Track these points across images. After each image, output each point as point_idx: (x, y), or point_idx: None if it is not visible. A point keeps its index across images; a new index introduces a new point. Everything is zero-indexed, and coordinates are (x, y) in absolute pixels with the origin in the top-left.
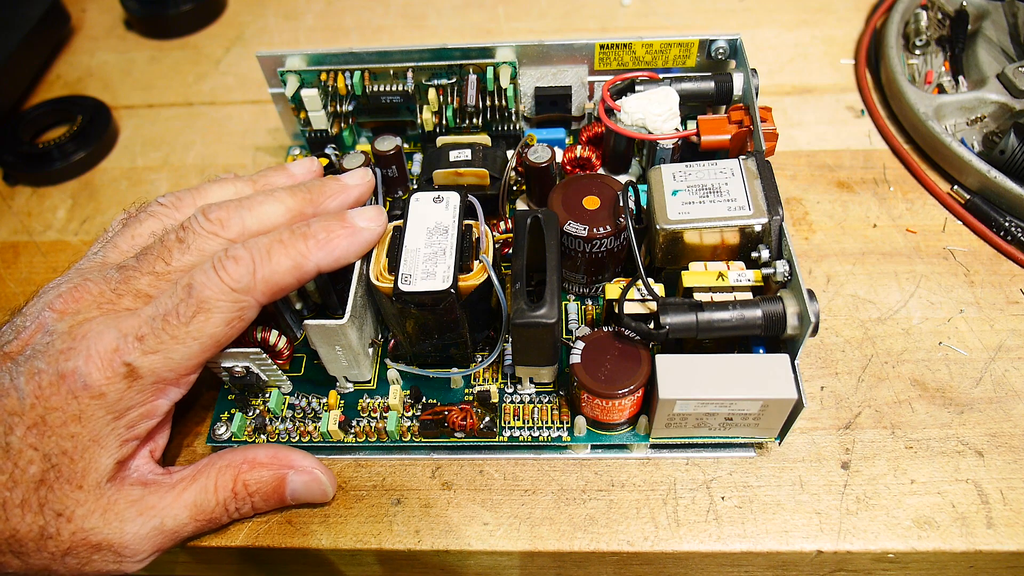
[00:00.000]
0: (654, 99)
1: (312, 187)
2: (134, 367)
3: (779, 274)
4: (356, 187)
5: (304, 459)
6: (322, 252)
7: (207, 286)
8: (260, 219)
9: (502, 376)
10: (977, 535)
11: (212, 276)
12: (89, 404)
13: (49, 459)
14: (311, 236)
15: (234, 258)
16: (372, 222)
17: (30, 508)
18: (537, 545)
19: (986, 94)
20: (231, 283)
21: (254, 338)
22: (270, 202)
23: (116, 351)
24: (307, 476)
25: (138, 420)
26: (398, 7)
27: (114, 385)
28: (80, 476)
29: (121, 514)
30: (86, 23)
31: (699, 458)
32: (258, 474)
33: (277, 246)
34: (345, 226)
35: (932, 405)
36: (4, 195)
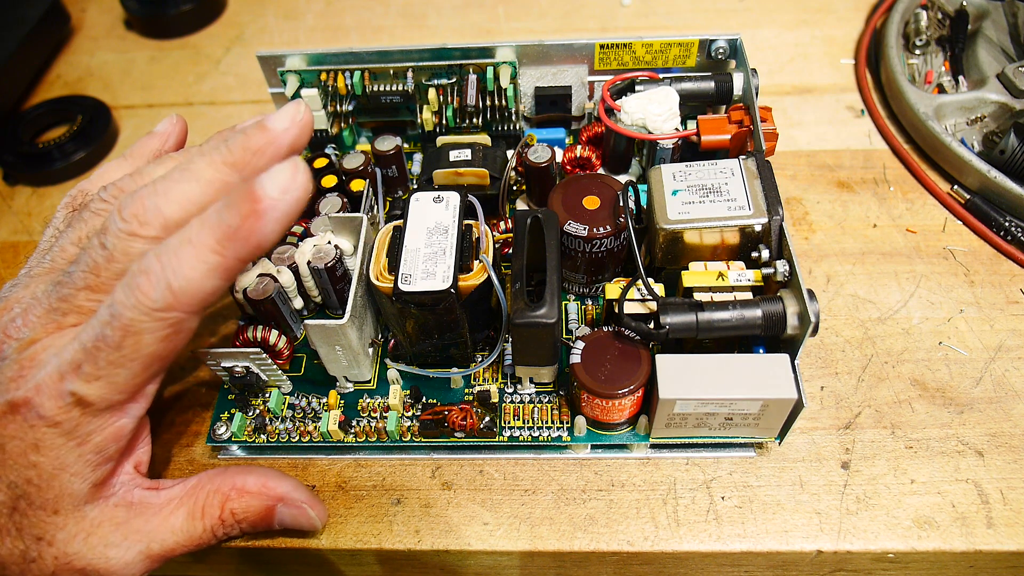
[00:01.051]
0: (654, 99)
1: (232, 145)
2: (80, 396)
3: (779, 274)
4: (286, 132)
5: (295, 491)
6: (236, 244)
7: (127, 307)
8: (179, 204)
9: (502, 376)
10: (977, 535)
11: (129, 296)
12: (46, 433)
13: (15, 487)
14: (219, 227)
15: (145, 272)
16: (289, 186)
17: (8, 533)
18: (537, 545)
19: (986, 94)
20: (149, 303)
21: (254, 338)
22: (185, 180)
23: (60, 380)
24: (296, 510)
25: (104, 444)
26: (398, 7)
27: (67, 414)
28: (54, 502)
29: (105, 538)
30: (86, 23)
31: (699, 458)
32: (246, 503)
33: (187, 249)
34: (256, 203)
35: (932, 405)
36: (4, 195)
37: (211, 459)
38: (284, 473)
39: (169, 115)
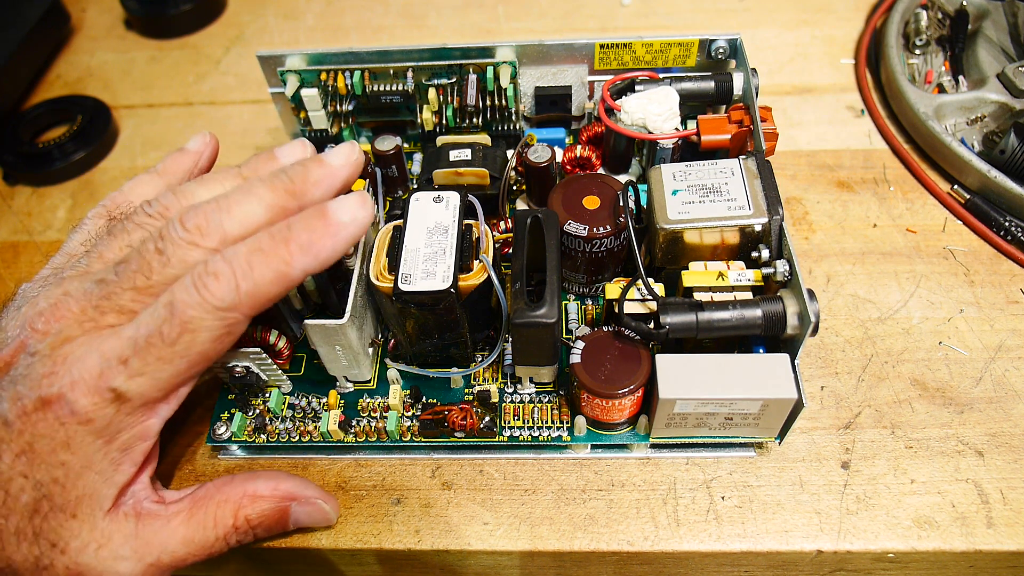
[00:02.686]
0: (654, 99)
1: (294, 175)
2: (120, 391)
3: (779, 274)
4: (341, 168)
5: (306, 488)
6: (306, 258)
7: (190, 306)
8: (240, 221)
9: (502, 376)
10: (977, 535)
11: (194, 295)
12: (77, 431)
13: (40, 487)
14: (292, 240)
15: (215, 274)
16: (357, 215)
17: (25, 537)
18: (537, 545)
19: (986, 94)
20: (215, 302)
21: (254, 338)
22: (248, 200)
23: (101, 376)
24: (310, 507)
25: (131, 443)
26: (398, 7)
27: (102, 411)
28: (74, 505)
29: (116, 551)
30: (86, 23)
31: (699, 458)
32: (259, 507)
33: (258, 256)
34: (328, 224)
35: (932, 405)
36: (4, 195)
37: (211, 459)
38: (291, 473)
39: (202, 132)
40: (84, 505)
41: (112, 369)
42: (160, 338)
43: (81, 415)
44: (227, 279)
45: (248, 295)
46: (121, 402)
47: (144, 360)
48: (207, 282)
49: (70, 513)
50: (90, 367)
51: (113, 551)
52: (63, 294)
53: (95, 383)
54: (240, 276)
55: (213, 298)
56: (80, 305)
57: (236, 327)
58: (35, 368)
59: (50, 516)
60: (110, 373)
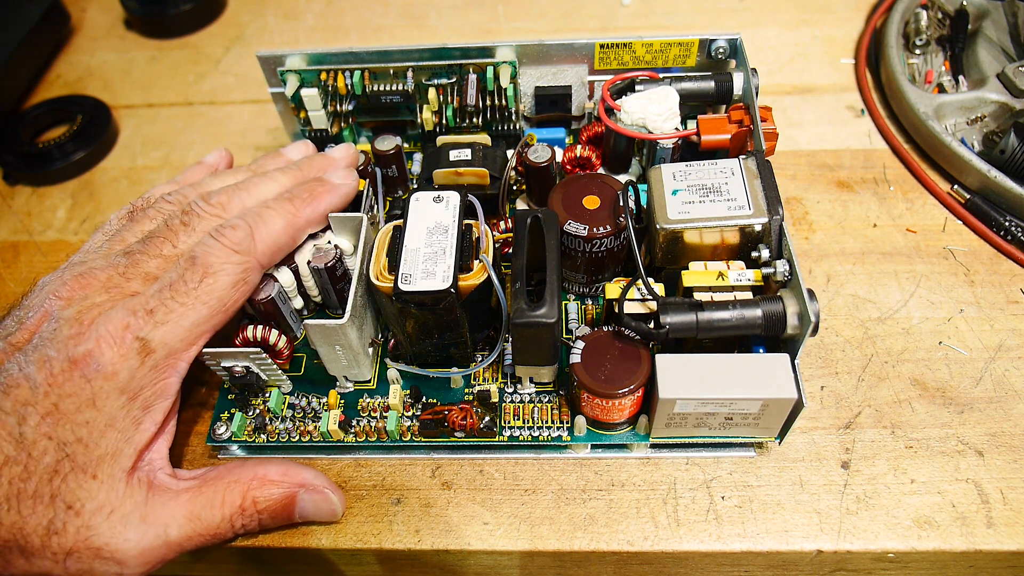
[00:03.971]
0: (654, 99)
1: (302, 165)
2: (146, 340)
3: (779, 274)
4: (342, 159)
5: (316, 477)
6: (309, 207)
7: (210, 252)
8: (258, 199)
9: (502, 376)
10: (977, 535)
11: (213, 243)
12: (103, 386)
13: (64, 447)
14: (296, 197)
15: (231, 225)
16: (346, 179)
17: (41, 500)
18: (537, 545)
19: (986, 94)
20: (232, 245)
21: (254, 338)
22: (265, 182)
23: (127, 328)
24: (318, 495)
25: (152, 399)
26: (398, 7)
27: (127, 362)
28: (95, 464)
29: (126, 518)
30: (86, 23)
31: (699, 458)
32: (268, 491)
33: (268, 210)
34: (324, 183)
35: (932, 405)
36: (4, 195)
37: (211, 459)
38: (302, 464)
39: (218, 148)
40: (105, 464)
41: (138, 319)
42: (183, 283)
43: (107, 369)
44: (243, 227)
45: (262, 240)
46: (146, 353)
47: (168, 307)
48: (224, 231)
49: (91, 473)
50: (116, 322)
51: (123, 516)
52: (87, 269)
53: (121, 335)
54: (254, 225)
55: (230, 242)
56: (107, 274)
57: (251, 273)
58: (62, 331)
59: (69, 477)
60: (136, 323)
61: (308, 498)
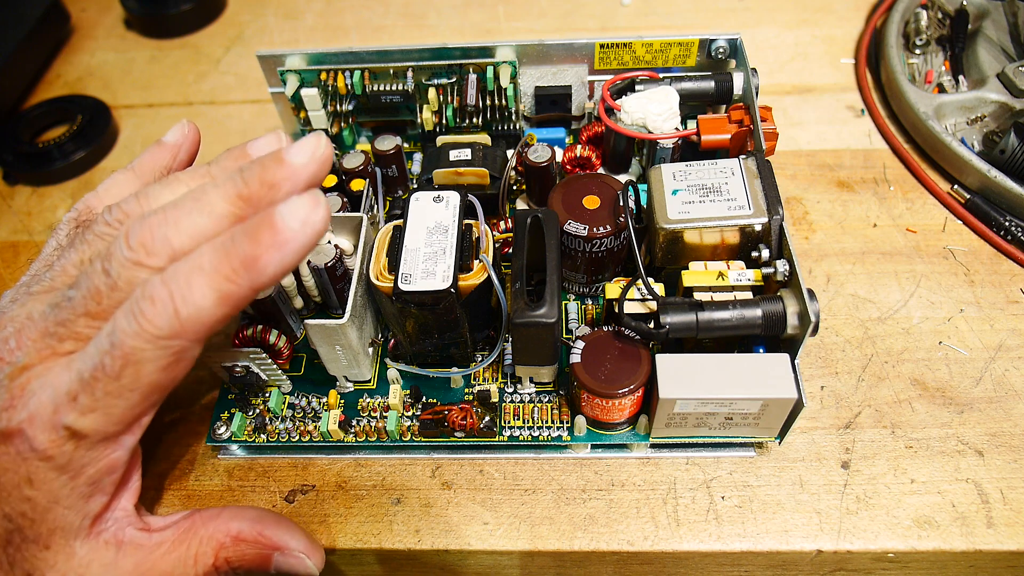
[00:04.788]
0: (654, 98)
1: (249, 178)
2: (74, 429)
3: (779, 274)
4: (304, 167)
5: (292, 539)
6: (251, 274)
7: (128, 336)
8: (190, 235)
9: (502, 376)
10: (977, 535)
11: (132, 323)
12: (39, 467)
13: (10, 519)
14: (236, 256)
15: (150, 299)
16: (309, 218)
17: (1, 567)
18: (537, 545)
19: (986, 93)
20: (153, 330)
21: (254, 338)
22: (197, 211)
23: (55, 413)
24: (294, 560)
25: (98, 476)
26: (398, 7)
27: (60, 448)
28: (46, 537)
29: None
30: (86, 23)
31: (699, 458)
32: (242, 550)
33: (197, 276)
34: (276, 234)
35: (932, 405)
36: (4, 194)
37: (211, 459)
38: (281, 516)
39: (180, 121)
40: (57, 536)
41: (64, 406)
42: (104, 372)
43: (41, 452)
44: (164, 304)
45: (190, 320)
46: (78, 439)
47: (92, 396)
48: (144, 309)
49: (43, 545)
50: (44, 402)
51: None
52: (26, 317)
53: (50, 419)
54: (179, 300)
55: (151, 326)
56: (38, 331)
57: (184, 354)
58: None
59: (23, 547)
60: (62, 410)
61: (283, 560)
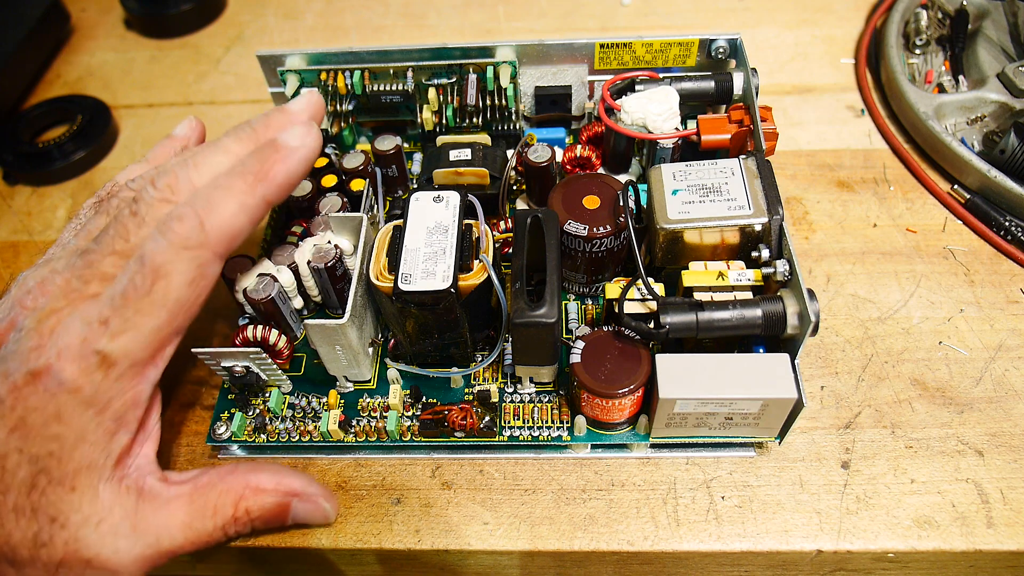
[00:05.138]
0: (654, 98)
1: (257, 125)
2: (106, 354)
3: (779, 273)
4: (301, 111)
5: (309, 485)
6: (264, 184)
7: (157, 252)
8: (209, 174)
9: (502, 376)
10: (977, 535)
11: (160, 241)
12: (67, 401)
13: (36, 461)
14: (249, 172)
15: (178, 217)
16: (305, 140)
17: (23, 514)
18: (537, 545)
19: (986, 93)
20: (181, 242)
21: (254, 338)
22: (215, 153)
23: (85, 341)
24: (310, 504)
25: (123, 410)
26: (398, 7)
27: (89, 377)
28: (72, 477)
29: (116, 527)
30: (86, 23)
31: (699, 458)
32: (261, 500)
33: (218, 192)
34: (278, 150)
35: (932, 405)
36: (4, 194)
37: (211, 459)
38: (294, 470)
39: (188, 117)
40: (82, 477)
41: (94, 332)
42: (135, 290)
43: (69, 384)
44: (190, 218)
45: (215, 229)
46: (108, 366)
47: (123, 316)
48: (172, 225)
49: (69, 486)
50: (74, 334)
51: (113, 526)
52: (50, 271)
53: (80, 349)
54: (203, 213)
55: (179, 238)
56: (64, 277)
57: (208, 267)
58: (23, 343)
59: (48, 490)
60: (93, 336)
61: (301, 506)
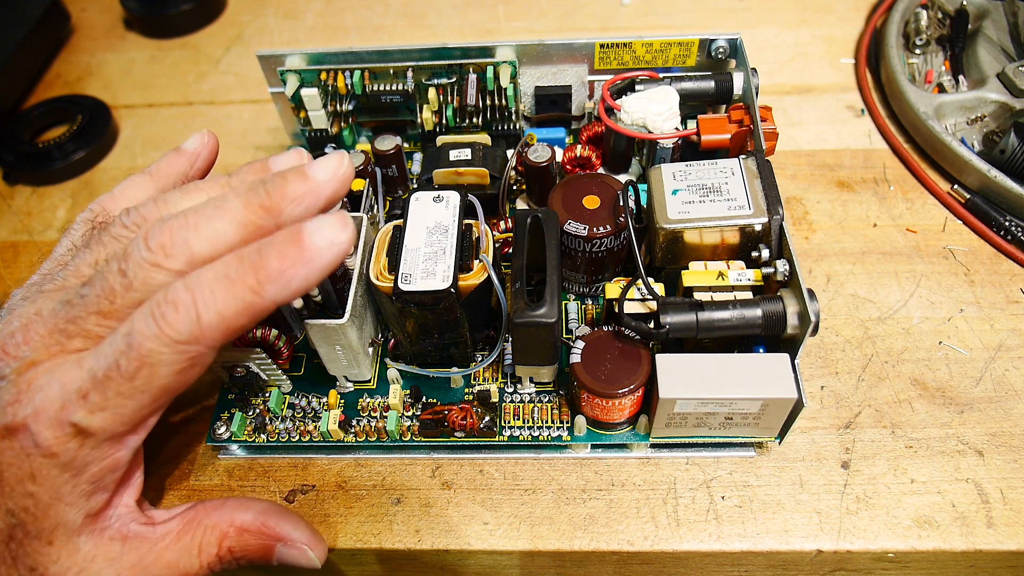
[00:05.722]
0: (654, 98)
1: (272, 190)
2: (82, 427)
3: (779, 273)
4: (326, 184)
5: (295, 531)
6: (275, 287)
7: (147, 338)
8: (209, 240)
9: (502, 375)
10: (977, 535)
11: (151, 326)
12: (42, 463)
13: (13, 514)
14: (262, 268)
15: (174, 304)
16: (337, 238)
17: (4, 561)
18: (537, 544)
19: (986, 93)
20: (173, 335)
21: (254, 338)
22: (219, 217)
23: (62, 409)
24: (296, 551)
25: (101, 474)
26: (398, 7)
27: (65, 445)
28: (48, 532)
29: (98, 573)
30: (86, 23)
31: (699, 458)
32: (245, 541)
33: (223, 284)
34: (303, 251)
35: (932, 405)
36: (4, 194)
37: (211, 459)
38: (284, 509)
39: (201, 131)
40: (59, 532)
41: (72, 403)
42: (118, 372)
43: (45, 448)
44: (187, 310)
45: (211, 327)
46: (84, 437)
47: (104, 395)
48: (165, 312)
49: (46, 541)
50: (52, 398)
51: (96, 574)
52: (35, 313)
53: (57, 416)
54: (202, 306)
55: (172, 331)
56: (47, 327)
57: (200, 359)
58: (1, 395)
59: (25, 543)
60: (70, 407)
61: (286, 551)
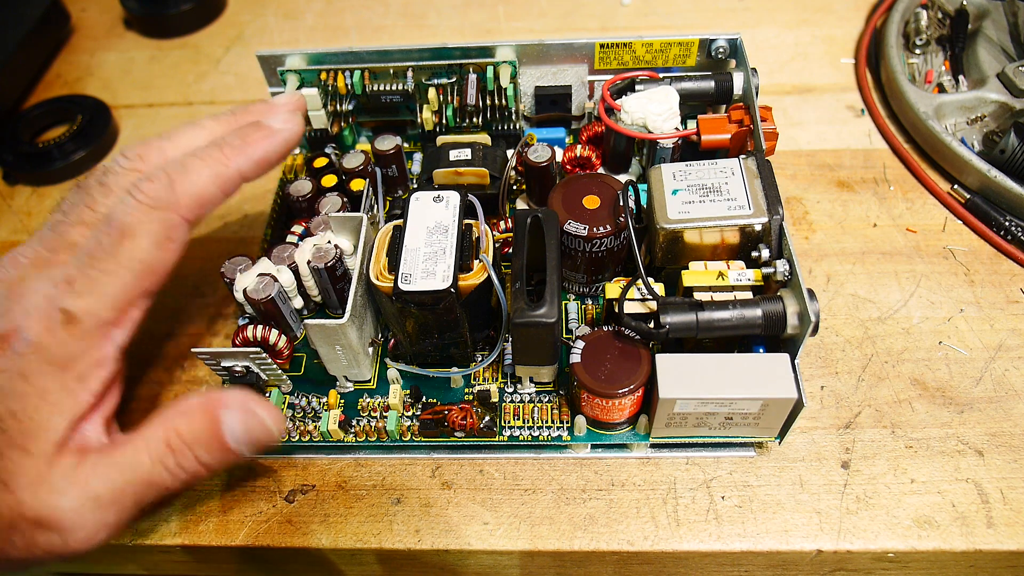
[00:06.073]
0: (654, 98)
1: (237, 112)
2: (70, 312)
3: (779, 273)
4: (284, 104)
5: (239, 395)
6: (241, 157)
7: (125, 212)
8: (183, 148)
9: (502, 375)
10: (977, 535)
11: (129, 201)
12: (31, 359)
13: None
14: (226, 144)
15: (148, 178)
16: (288, 121)
17: None
18: (537, 544)
19: (986, 93)
20: (149, 201)
21: (254, 338)
22: (192, 129)
23: (50, 299)
24: (241, 412)
25: (87, 370)
26: (398, 7)
27: (54, 335)
28: (28, 437)
29: (54, 486)
30: (86, 23)
31: (699, 458)
32: (188, 419)
33: (192, 159)
34: (259, 128)
35: (932, 404)
36: (4, 194)
37: None
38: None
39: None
40: (38, 437)
41: (60, 291)
42: (101, 249)
43: (34, 343)
44: (161, 179)
45: (184, 193)
46: (72, 324)
47: (88, 276)
48: (142, 186)
49: (23, 448)
50: (40, 294)
51: (52, 488)
52: (23, 245)
53: (45, 308)
54: (175, 176)
55: (147, 198)
56: (34, 249)
57: (176, 230)
58: None
59: (5, 452)
60: (58, 295)
61: (233, 419)
